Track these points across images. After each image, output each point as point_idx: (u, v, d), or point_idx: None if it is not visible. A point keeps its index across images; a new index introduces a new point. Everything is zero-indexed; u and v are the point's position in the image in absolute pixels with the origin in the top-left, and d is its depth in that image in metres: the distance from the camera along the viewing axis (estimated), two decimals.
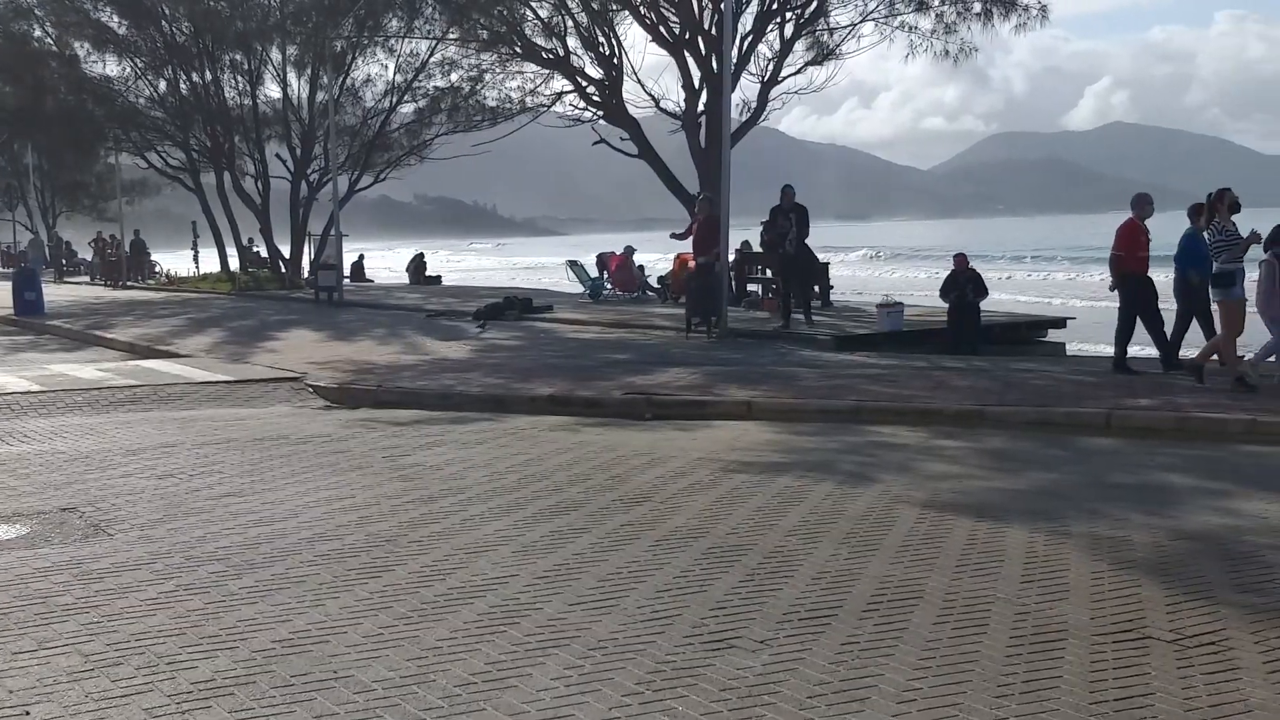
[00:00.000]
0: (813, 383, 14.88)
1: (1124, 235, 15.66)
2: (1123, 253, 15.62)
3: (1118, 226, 15.85)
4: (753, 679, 5.27)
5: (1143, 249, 15.67)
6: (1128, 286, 15.73)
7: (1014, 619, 6.05)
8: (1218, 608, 6.19)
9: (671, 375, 15.71)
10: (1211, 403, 12.63)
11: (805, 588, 6.61)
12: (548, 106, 35.02)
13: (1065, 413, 12.38)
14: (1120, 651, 5.57)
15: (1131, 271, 15.66)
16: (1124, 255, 15.61)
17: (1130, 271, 15.66)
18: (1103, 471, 9.97)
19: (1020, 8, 29.30)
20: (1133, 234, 15.62)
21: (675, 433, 12.20)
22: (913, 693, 5.09)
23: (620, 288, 31.98)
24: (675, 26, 30.25)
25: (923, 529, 7.96)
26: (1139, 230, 15.64)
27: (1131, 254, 15.59)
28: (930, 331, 21.00)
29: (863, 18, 30.92)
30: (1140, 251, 15.64)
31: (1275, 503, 8.63)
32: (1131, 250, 15.58)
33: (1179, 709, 4.89)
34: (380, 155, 45.23)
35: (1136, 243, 15.59)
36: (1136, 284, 15.70)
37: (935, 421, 12.44)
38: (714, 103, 27.91)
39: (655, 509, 8.63)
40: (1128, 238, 15.62)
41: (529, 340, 21.83)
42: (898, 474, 9.87)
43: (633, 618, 6.12)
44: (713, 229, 21.56)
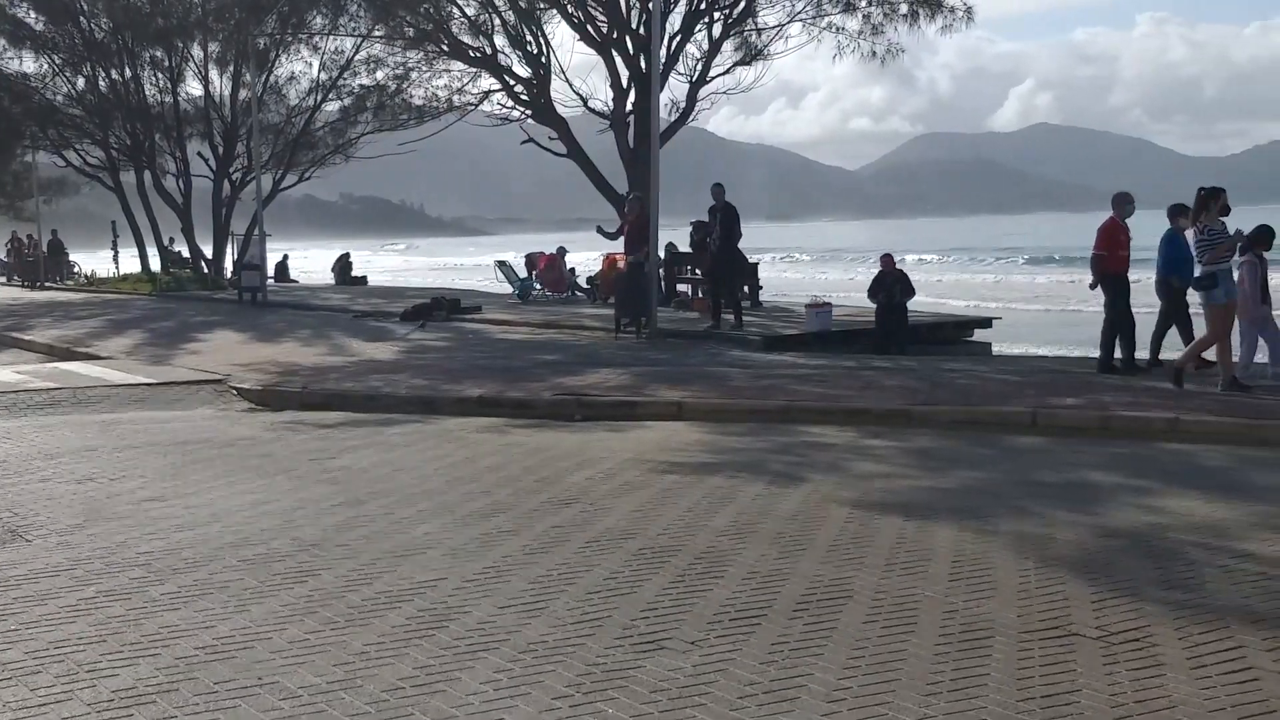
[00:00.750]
0: (742, 383, 14.91)
1: (1105, 234, 15.57)
2: (1105, 252, 15.51)
3: (1098, 226, 15.75)
4: (683, 680, 5.25)
5: (1123, 248, 15.61)
6: (1109, 285, 15.60)
7: (942, 617, 6.08)
8: (1142, 604, 6.26)
9: (601, 376, 15.68)
10: (1134, 401, 12.81)
11: (735, 588, 6.61)
12: (475, 105, 34.90)
13: (991, 412, 12.50)
14: (1047, 649, 5.61)
15: (1112, 271, 15.56)
16: (1106, 255, 15.50)
17: (1111, 271, 15.56)
18: (1029, 470, 10.07)
19: (946, 9, 29.57)
20: (1113, 233, 15.52)
21: (605, 434, 12.17)
22: (842, 692, 5.10)
23: (549, 288, 31.92)
24: (603, 26, 30.22)
25: (852, 528, 7.99)
26: (1119, 229, 15.56)
27: (1113, 253, 15.50)
28: (858, 332, 21.13)
29: (790, 18, 31.08)
30: (1121, 250, 15.58)
31: (1198, 500, 8.75)
32: (1113, 250, 15.49)
33: (1105, 705, 4.94)
34: (305, 154, 44.84)
35: (1117, 242, 15.52)
36: (1117, 283, 15.58)
37: (864, 421, 12.51)
38: (642, 102, 27.89)
39: (585, 510, 8.59)
40: (1108, 237, 15.53)
41: (457, 341, 21.71)
42: (827, 474, 9.90)
43: (563, 620, 6.08)
44: (643, 229, 21.56)
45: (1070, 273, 63.55)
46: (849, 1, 30.25)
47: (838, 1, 30.34)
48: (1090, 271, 16.01)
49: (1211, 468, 10.07)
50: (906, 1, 29.85)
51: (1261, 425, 11.39)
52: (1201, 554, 7.26)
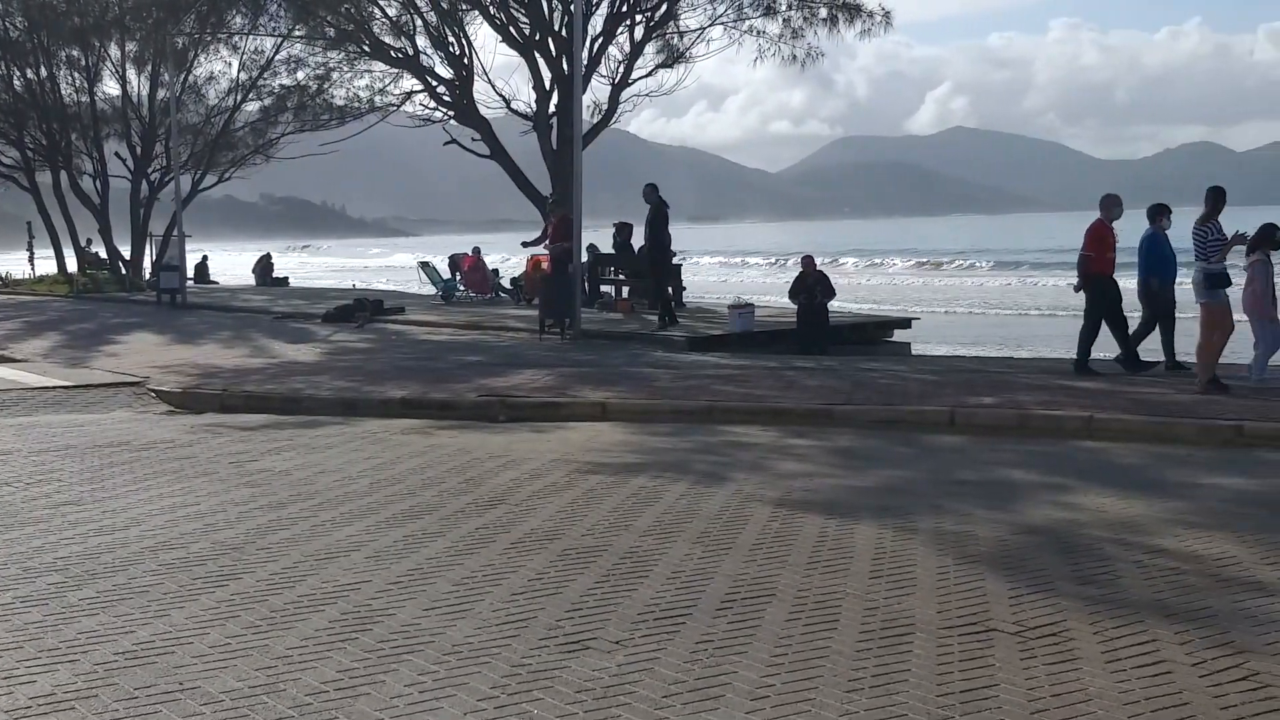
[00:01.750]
0: (666, 383, 14.96)
1: (1092, 236, 15.50)
2: (1092, 254, 15.44)
3: (1086, 228, 15.68)
4: (608, 680, 5.27)
5: (1110, 249, 15.57)
6: (1094, 287, 15.56)
7: (863, 614, 6.16)
8: (1058, 599, 6.37)
9: (526, 377, 15.66)
10: (1050, 400, 13.01)
11: (660, 587, 6.65)
12: (397, 106, 34.71)
13: (911, 411, 12.65)
14: (966, 644, 5.70)
15: (1099, 273, 15.51)
16: (1093, 256, 15.44)
17: (1098, 273, 15.51)
18: (948, 468, 10.21)
19: (865, 14, 29.88)
20: (1100, 235, 15.47)
21: (530, 434, 12.17)
22: (766, 689, 5.15)
23: (473, 289, 31.80)
24: (525, 27, 30.18)
25: (775, 527, 8.06)
26: (1106, 231, 15.51)
27: (1100, 255, 15.45)
28: (780, 332, 21.27)
29: (712, 22, 31.25)
30: (1109, 252, 15.55)
31: (1112, 497, 8.92)
32: (1100, 251, 15.45)
33: (1022, 699, 5.03)
34: (224, 154, 44.33)
35: (1104, 243, 15.48)
36: (1104, 285, 15.55)
37: (786, 421, 12.61)
38: (565, 104, 27.91)
39: (510, 511, 8.59)
40: (1096, 238, 15.47)
41: (380, 343, 21.58)
42: (750, 473, 9.97)
43: (487, 621, 6.08)
44: (566, 230, 21.57)
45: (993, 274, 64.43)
46: (769, 5, 30.48)
47: (758, 5, 30.55)
48: (1076, 272, 15.95)
49: (1126, 465, 10.27)
50: (826, 6, 30.14)
51: (1174, 423, 11.62)
52: (1116, 550, 7.40)
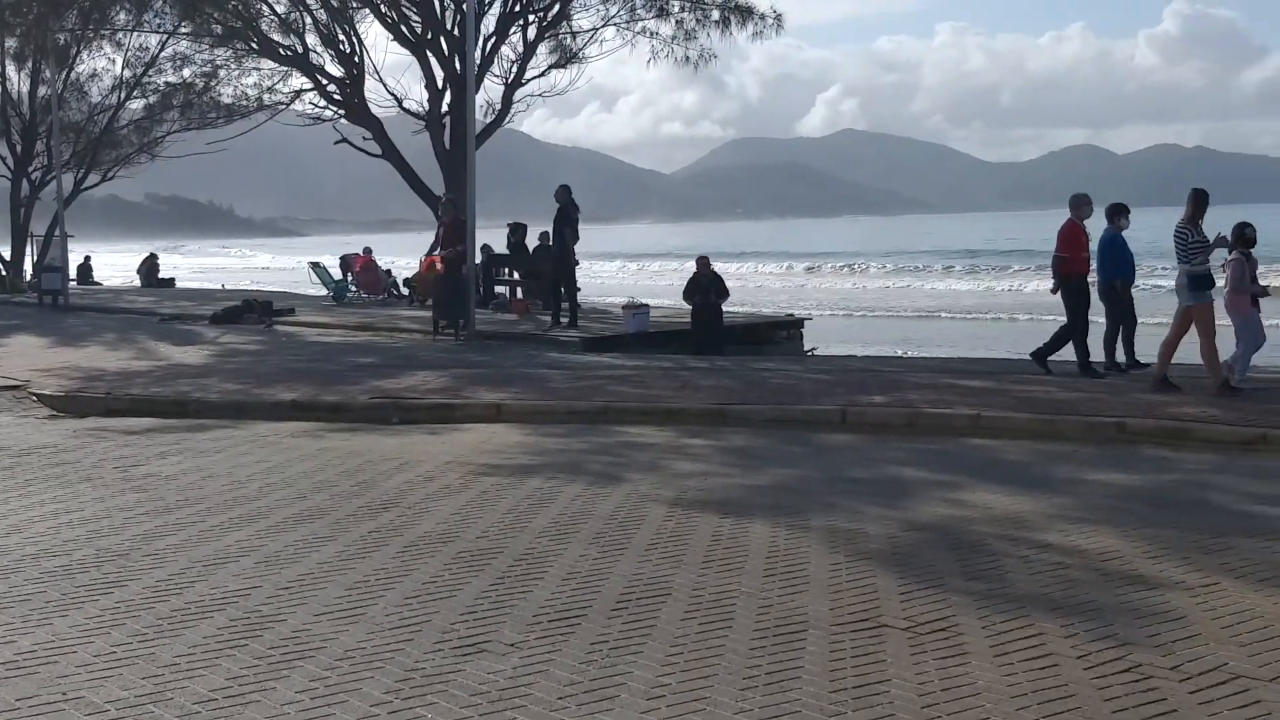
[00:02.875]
0: (561, 384, 14.94)
1: (1066, 237, 15.39)
2: (1068, 254, 15.31)
3: (1059, 228, 15.57)
4: (503, 682, 5.25)
5: (1085, 249, 15.42)
6: (1070, 288, 15.40)
7: (758, 612, 6.20)
8: (948, 595, 6.47)
9: (419, 378, 15.54)
10: (938, 399, 13.21)
11: (555, 589, 6.63)
12: (286, 104, 34.21)
13: (804, 410, 12.76)
14: (858, 641, 5.77)
15: (1075, 273, 15.39)
16: (1069, 257, 15.31)
17: (1074, 273, 15.38)
18: (840, 467, 10.32)
19: (757, 16, 30.08)
20: (1075, 235, 15.35)
21: (423, 437, 12.08)
22: (661, 689, 5.16)
23: (365, 290, 31.50)
24: (417, 26, 29.94)
25: (670, 527, 8.08)
26: (1080, 231, 15.38)
27: (1075, 255, 15.32)
28: (675, 333, 21.37)
29: (605, 22, 31.24)
30: (1083, 253, 15.40)
31: (999, 493, 9.08)
32: (1075, 252, 15.31)
33: (913, 694, 5.09)
34: (108, 153, 43.41)
35: (1079, 244, 15.34)
36: (1080, 284, 15.42)
37: (681, 421, 12.66)
38: (458, 103, 27.74)
39: (403, 514, 8.52)
40: (1070, 239, 15.36)
41: (270, 344, 21.26)
42: (645, 473, 9.99)
43: (380, 626, 6.02)
44: (460, 231, 21.44)
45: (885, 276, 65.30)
46: (662, 7, 30.57)
47: (651, 6, 30.63)
48: (1052, 274, 15.80)
49: (1012, 462, 10.46)
50: (718, 8, 30.29)
51: (1058, 421, 11.86)
52: (1003, 545, 7.54)
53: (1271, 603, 6.25)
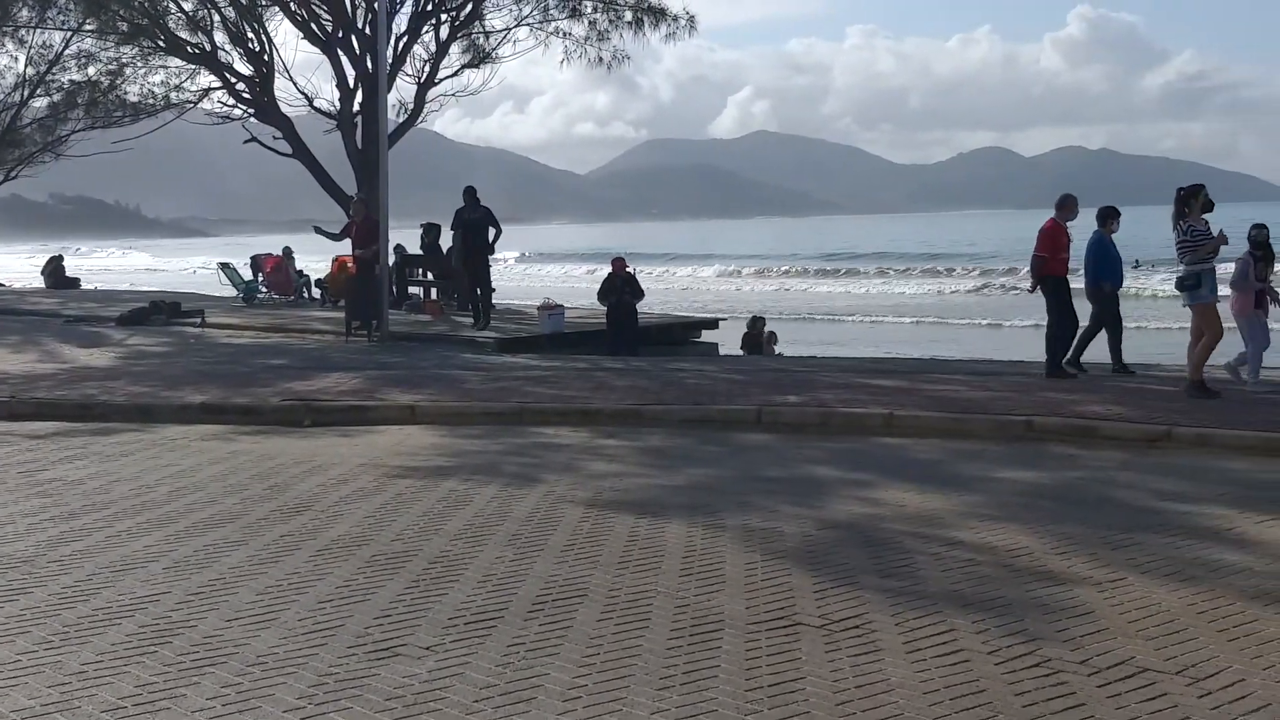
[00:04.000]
0: (476, 385, 14.87)
1: (1046, 237, 15.22)
2: (1047, 255, 15.16)
3: (1039, 228, 15.42)
4: (419, 686, 5.21)
5: (1064, 250, 15.28)
6: (1049, 288, 15.30)
7: (674, 612, 6.21)
8: (862, 593, 6.53)
9: (332, 380, 15.39)
10: (852, 399, 13.33)
11: (471, 591, 6.60)
12: (194, 103, 33.67)
13: (719, 410, 12.82)
14: (773, 639, 5.80)
15: (1054, 273, 15.26)
16: (1048, 257, 15.17)
17: (1053, 274, 15.26)
18: (755, 466, 10.37)
19: (670, 17, 30.13)
20: (1055, 235, 15.20)
21: (336, 439, 11.96)
22: (578, 690, 5.16)
23: (276, 291, 31.15)
24: (328, 24, 29.63)
25: (586, 527, 8.08)
26: (1061, 231, 15.24)
27: (1055, 256, 15.18)
28: (590, 333, 21.37)
29: (518, 22, 31.11)
30: (1062, 253, 15.25)
31: (911, 491, 9.18)
32: (1055, 252, 15.17)
33: (828, 691, 5.13)
34: (10, 152, 42.46)
35: (1059, 244, 15.19)
36: (1057, 285, 15.28)
37: (597, 421, 12.66)
38: (370, 103, 27.50)
39: (316, 518, 8.43)
40: (1051, 239, 15.19)
41: (178, 346, 20.93)
42: (561, 474, 9.98)
43: (293, 630, 5.95)
44: (372, 231, 21.27)
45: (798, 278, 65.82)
46: (575, 7, 30.52)
47: (564, 7, 30.57)
48: (1031, 274, 15.79)
49: (923, 460, 10.58)
50: (631, 9, 30.31)
51: (968, 420, 12.01)
52: (915, 543, 7.62)
53: (1176, 597, 6.38)
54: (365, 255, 21.14)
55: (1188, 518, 8.22)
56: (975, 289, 53.47)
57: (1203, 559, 7.12)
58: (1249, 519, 8.11)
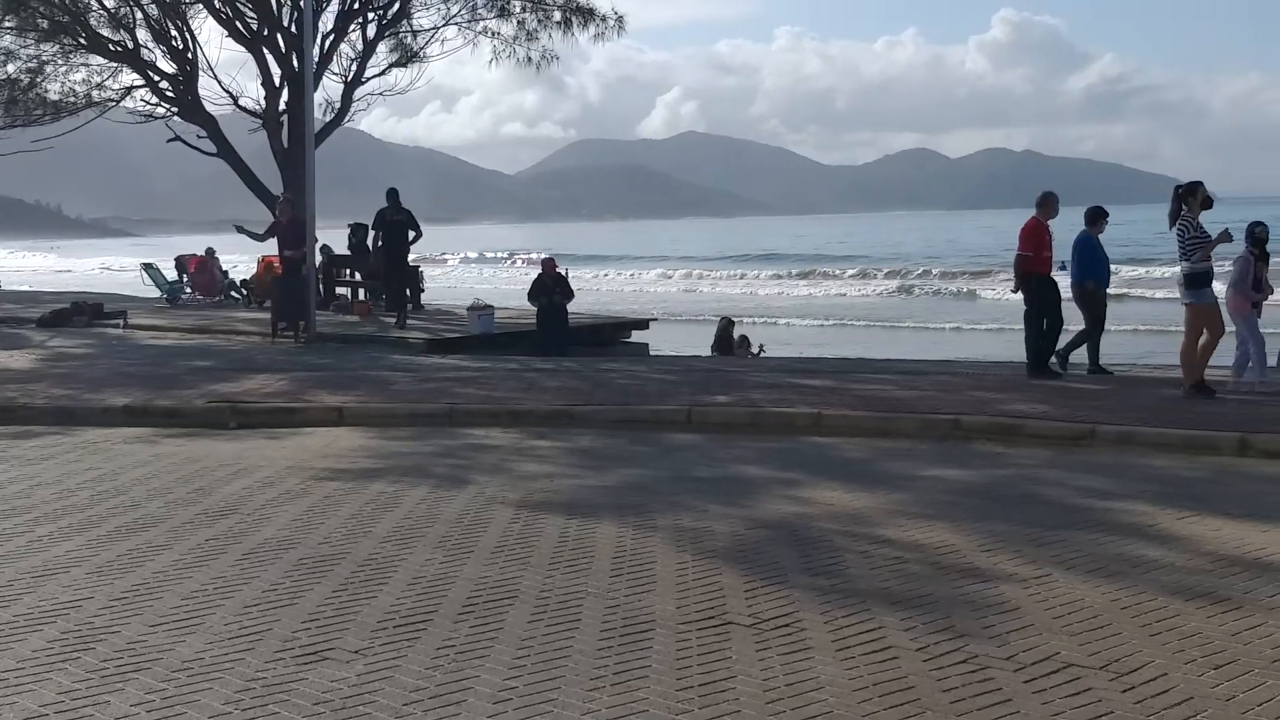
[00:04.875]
0: (405, 387, 14.78)
1: (1028, 235, 15.09)
2: (1030, 253, 15.03)
3: (1021, 226, 15.29)
4: (347, 690, 5.17)
5: (1047, 249, 15.12)
6: (1031, 287, 15.18)
7: (605, 612, 6.21)
8: (791, 591, 6.57)
9: (258, 382, 15.23)
10: (781, 398, 13.39)
11: (400, 594, 6.56)
12: (116, 101, 33.16)
13: (649, 410, 12.83)
14: (704, 638, 5.81)
15: (1036, 272, 15.13)
16: (1031, 256, 15.04)
17: (1035, 272, 15.13)
18: (685, 466, 10.39)
19: (599, 18, 30.12)
20: (1037, 234, 15.06)
21: (263, 441, 11.84)
22: (508, 692, 5.14)
23: (200, 292, 30.78)
24: (253, 22, 29.32)
25: (517, 529, 8.06)
26: (1043, 230, 15.09)
27: (1038, 255, 15.03)
28: (520, 334, 21.31)
29: (445, 22, 30.95)
30: (1045, 252, 15.10)
31: (840, 490, 9.25)
32: (1038, 251, 15.02)
33: (758, 690, 5.15)
34: None
35: (1041, 242, 15.04)
36: (1040, 284, 15.16)
37: (527, 422, 12.62)
38: (296, 102, 27.24)
39: (242, 521, 8.34)
40: (1033, 238, 15.05)
41: (101, 348, 20.62)
42: (491, 475, 9.94)
43: (219, 635, 5.89)
44: (298, 231, 21.08)
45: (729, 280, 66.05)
46: (503, 7, 30.42)
47: (492, 6, 30.46)
48: (1014, 273, 15.64)
49: (852, 459, 10.66)
50: (560, 9, 30.25)
51: (896, 419, 12.11)
52: (844, 541, 7.67)
53: (1100, 593, 6.47)
54: (295, 256, 20.95)
55: (1111, 514, 8.34)
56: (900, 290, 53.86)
57: (1125, 555, 7.23)
58: (1170, 515, 8.24)
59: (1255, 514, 8.25)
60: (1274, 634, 5.75)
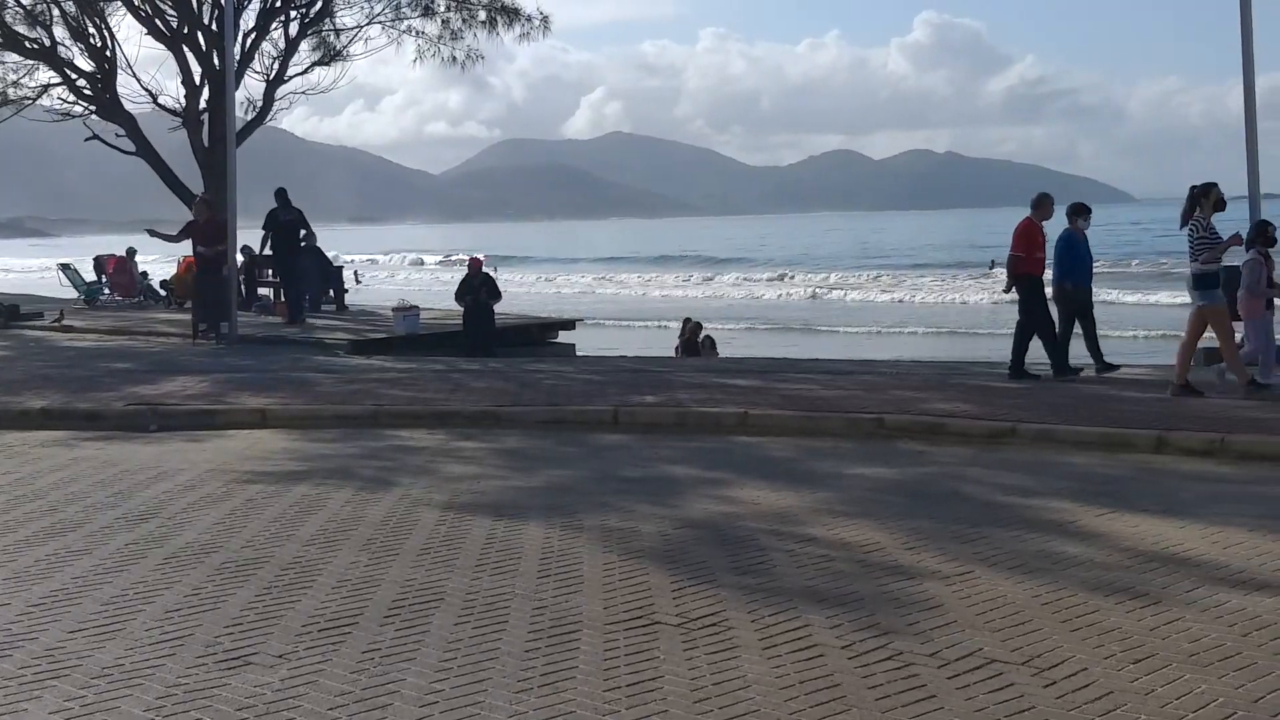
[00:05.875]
0: (329, 388, 14.66)
1: (1022, 236, 14.95)
2: (1023, 254, 14.89)
3: (1015, 226, 15.18)
4: (271, 695, 5.12)
5: (1040, 250, 15.01)
6: (1024, 288, 15.01)
7: (532, 614, 6.20)
8: (718, 590, 6.59)
9: (179, 384, 15.03)
10: (707, 397, 13.43)
11: (325, 597, 6.50)
12: (33, 100, 32.60)
13: (576, 411, 12.82)
14: (632, 638, 5.82)
15: (1029, 273, 14.95)
16: (1024, 256, 14.89)
17: (1028, 273, 14.96)
18: (612, 466, 10.39)
19: (524, 17, 30.10)
20: (1030, 234, 14.93)
21: (184, 444, 11.69)
22: (435, 695, 5.11)
23: (120, 292, 30.34)
24: (173, 20, 28.96)
25: (443, 531, 8.02)
26: (1036, 230, 14.98)
27: (1030, 255, 14.90)
28: (447, 334, 21.21)
29: (369, 20, 30.77)
30: (1038, 253, 14.98)
31: (766, 489, 9.29)
32: (1030, 251, 14.90)
33: (685, 689, 5.17)
34: None
35: (1034, 243, 14.93)
36: (1033, 286, 14.99)
37: (453, 423, 12.56)
38: (217, 100, 26.95)
39: (163, 525, 8.23)
40: (1026, 238, 14.92)
41: (18, 350, 20.25)
42: (417, 477, 9.89)
43: (140, 641, 5.80)
44: (218, 231, 20.86)
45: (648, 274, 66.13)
46: (428, 6, 30.28)
47: (416, 5, 30.31)
48: (1006, 273, 15.50)
49: (778, 458, 10.71)
50: (485, 8, 30.18)
51: (821, 418, 12.19)
52: (771, 540, 7.71)
53: (1021, 589, 6.55)
54: (207, 253, 20.72)
55: (1031, 512, 8.46)
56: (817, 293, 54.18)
57: (1046, 552, 7.33)
58: (1089, 512, 8.37)
59: (1172, 510, 8.39)
60: (1191, 629, 5.86)
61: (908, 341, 33.80)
